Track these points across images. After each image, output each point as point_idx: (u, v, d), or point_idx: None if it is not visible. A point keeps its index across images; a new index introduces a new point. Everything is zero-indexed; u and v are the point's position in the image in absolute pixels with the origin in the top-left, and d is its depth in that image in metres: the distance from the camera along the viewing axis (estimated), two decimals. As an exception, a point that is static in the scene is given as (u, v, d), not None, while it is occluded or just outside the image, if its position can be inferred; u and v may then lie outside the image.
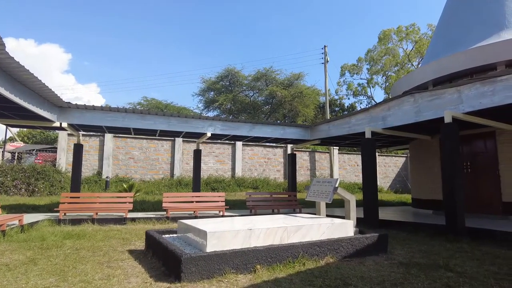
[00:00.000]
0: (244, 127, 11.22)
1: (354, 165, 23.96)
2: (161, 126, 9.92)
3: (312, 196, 6.72)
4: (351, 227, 5.85)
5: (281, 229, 4.98)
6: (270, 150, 21.27)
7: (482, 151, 9.61)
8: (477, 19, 10.80)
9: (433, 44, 12.82)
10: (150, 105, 30.07)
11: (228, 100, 29.40)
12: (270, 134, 11.53)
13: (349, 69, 41.26)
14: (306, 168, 22.22)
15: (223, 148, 19.93)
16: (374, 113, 9.60)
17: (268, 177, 20.59)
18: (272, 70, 30.76)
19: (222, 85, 31.46)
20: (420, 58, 37.51)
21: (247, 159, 20.62)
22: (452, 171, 7.12)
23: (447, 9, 12.67)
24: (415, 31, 36.34)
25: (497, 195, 9.13)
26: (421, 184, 11.87)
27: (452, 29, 11.65)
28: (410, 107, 8.57)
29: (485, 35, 10.18)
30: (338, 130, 10.83)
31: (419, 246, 6.28)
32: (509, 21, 10.00)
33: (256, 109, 31.90)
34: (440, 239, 6.88)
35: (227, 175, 19.78)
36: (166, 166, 18.55)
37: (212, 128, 10.69)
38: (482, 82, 6.97)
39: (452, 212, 7.01)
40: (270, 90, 29.43)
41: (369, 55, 39.64)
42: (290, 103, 29.96)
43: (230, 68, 30.48)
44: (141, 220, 9.28)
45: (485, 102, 6.91)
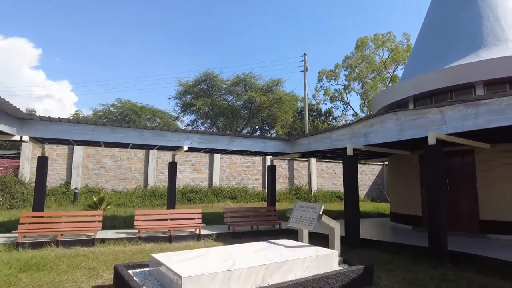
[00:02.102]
0: (223, 140, 10.77)
1: (331, 173, 24.01)
2: (134, 140, 9.30)
3: (294, 222, 6.38)
4: (335, 258, 5.56)
5: (264, 267, 4.59)
6: (249, 158, 20.89)
7: (460, 168, 9.66)
8: (456, 37, 10.92)
9: (413, 59, 12.91)
10: (124, 107, 28.91)
11: (206, 104, 28.76)
12: (250, 147, 11.15)
13: (327, 74, 41.65)
14: (284, 176, 22.01)
15: (200, 156, 19.35)
16: (356, 129, 9.43)
17: (246, 186, 20.19)
18: (251, 76, 30.46)
19: (200, 88, 30.77)
20: (395, 66, 38.38)
21: (225, 168, 20.14)
22: (436, 193, 7.02)
23: (426, 24, 12.79)
24: (391, 39, 37.15)
25: (475, 213, 9.18)
26: (400, 198, 11.86)
27: (431, 45, 11.74)
28: (393, 125, 8.44)
29: (464, 53, 10.28)
30: (319, 144, 10.61)
31: (404, 273, 6.09)
32: (486, 40, 10.15)
33: (234, 114, 31.43)
34: (423, 264, 6.74)
35: (204, 185, 19.20)
36: (140, 176, 17.75)
37: (189, 142, 10.17)
38: (465, 104, 6.91)
39: (435, 235, 6.90)
40: (249, 96, 29.08)
41: (347, 61, 40.18)
42: (269, 108, 29.72)
43: (209, 72, 29.89)
44: (111, 241, 8.62)
45: (468, 125, 6.85)
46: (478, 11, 10.81)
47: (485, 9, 10.73)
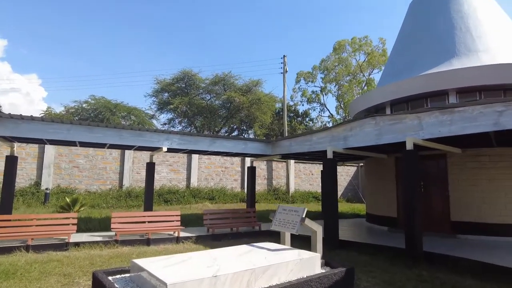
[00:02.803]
0: (204, 141, 10.66)
1: (309, 174, 24.36)
2: (112, 140, 9.02)
3: (277, 226, 6.41)
4: (318, 261, 5.64)
5: (249, 272, 4.58)
6: (228, 159, 20.80)
7: (434, 172, 10.07)
8: (431, 45, 11.37)
9: (390, 65, 13.32)
10: (98, 104, 27.94)
11: (183, 103, 28.35)
12: (231, 149, 11.10)
13: (305, 76, 42.25)
14: (263, 177, 22.09)
15: (178, 156, 19.04)
16: (336, 133, 9.61)
17: (225, 187, 20.09)
18: (230, 75, 30.32)
19: (177, 87, 30.29)
20: (371, 70, 39.49)
21: (203, 168, 19.94)
22: (412, 196, 7.27)
23: (403, 32, 13.24)
24: (367, 44, 38.16)
25: (447, 214, 9.61)
26: (376, 200, 12.20)
27: (408, 52, 12.17)
28: (371, 129, 8.67)
29: (438, 61, 10.73)
30: (300, 147, 10.73)
31: (382, 274, 6.27)
32: (458, 50, 10.64)
33: (212, 113, 31.20)
34: (399, 265, 6.97)
35: (181, 185, 18.92)
36: (115, 176, 17.24)
37: (169, 142, 9.98)
38: (441, 111, 7.20)
39: (411, 237, 7.15)
40: (228, 95, 28.95)
41: (323, 64, 40.92)
42: (248, 109, 29.73)
43: (187, 70, 29.49)
44: (86, 244, 8.31)
45: (444, 131, 7.14)
46: (451, 22, 11.32)
47: (457, 20, 11.26)
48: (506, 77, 9.31)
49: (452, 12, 11.46)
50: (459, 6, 11.52)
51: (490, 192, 9.01)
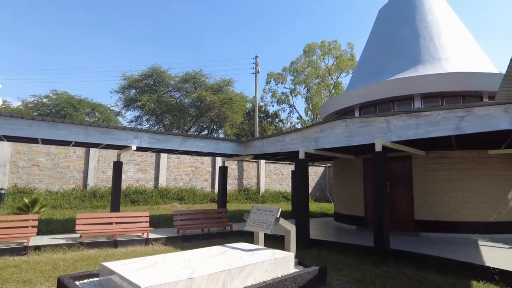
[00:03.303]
0: (175, 140, 10.43)
1: (279, 174, 24.61)
2: (77, 137, 8.57)
3: (251, 226, 6.40)
4: (292, 260, 5.71)
5: (224, 273, 4.54)
6: (198, 158, 20.51)
7: (399, 172, 10.53)
8: (398, 52, 11.90)
9: (359, 69, 13.77)
10: (60, 99, 26.44)
11: (151, 100, 27.57)
12: (203, 148, 10.94)
13: (275, 77, 42.69)
14: (234, 177, 22.02)
15: (145, 155, 18.49)
16: (307, 134, 9.78)
17: (195, 187, 19.78)
18: (201, 73, 29.92)
19: (145, 83, 29.42)
20: (339, 73, 40.62)
21: (172, 168, 19.51)
22: (381, 196, 7.55)
23: (372, 38, 13.75)
24: (336, 47, 39.20)
25: (411, 213, 10.09)
26: (344, 199, 12.55)
27: (376, 58, 12.64)
28: (342, 131, 8.91)
29: (405, 67, 11.25)
30: (272, 147, 10.80)
31: (352, 272, 6.45)
32: (423, 57, 11.22)
33: (182, 111, 30.63)
34: (368, 262, 7.20)
35: (149, 185, 18.39)
36: (79, 175, 16.41)
37: (138, 141, 9.67)
38: (408, 115, 7.55)
39: (380, 236, 7.41)
40: (198, 94, 28.54)
41: (293, 66, 41.56)
42: (218, 108, 29.49)
43: (156, 66, 28.72)
44: (48, 248, 7.84)
45: (410, 134, 7.49)
46: (416, 31, 11.91)
47: (422, 29, 11.87)
48: (464, 84, 9.94)
49: (418, 21, 12.08)
50: (423, 16, 12.16)
51: (450, 192, 9.58)
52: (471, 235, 9.19)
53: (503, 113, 6.14)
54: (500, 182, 9.61)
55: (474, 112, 6.49)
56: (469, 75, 9.91)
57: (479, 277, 5.96)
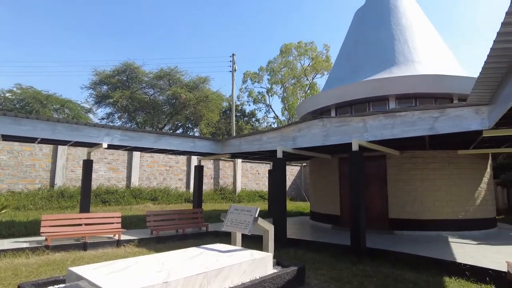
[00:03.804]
0: (148, 138, 10.07)
1: (255, 173, 24.54)
2: (44, 134, 8.06)
3: (229, 226, 6.24)
4: (270, 260, 5.61)
5: (201, 276, 4.36)
6: (173, 157, 20.02)
7: (374, 172, 10.70)
8: (374, 53, 12.12)
9: (335, 70, 13.92)
10: (25, 94, 24.97)
11: (124, 97, 26.65)
12: (178, 146, 10.64)
13: (251, 76, 42.65)
14: (209, 176, 21.70)
15: (117, 154, 17.82)
16: (285, 133, 9.74)
17: (169, 187, 19.30)
18: (176, 70, 29.27)
19: (118, 79, 28.40)
20: (314, 74, 41.15)
21: (145, 167, 18.93)
22: (358, 196, 7.61)
23: (348, 39, 13.93)
24: (313, 49, 39.66)
25: (385, 212, 10.29)
26: (320, 198, 12.64)
27: (352, 59, 12.82)
28: (319, 130, 8.93)
29: (380, 68, 11.46)
30: (250, 146, 10.68)
31: (330, 271, 6.44)
32: (398, 59, 11.48)
33: (156, 109, 29.85)
34: (345, 261, 7.24)
35: (121, 185, 17.73)
36: (45, 174, 15.54)
37: (109, 138, 9.24)
38: (385, 115, 7.65)
39: (356, 235, 7.47)
40: (173, 91, 27.91)
41: (270, 65, 41.69)
42: (194, 106, 28.99)
43: (129, 62, 27.80)
44: (8, 252, 7.31)
45: (386, 134, 7.60)
46: (391, 33, 12.19)
47: (397, 32, 12.16)
48: (437, 86, 10.26)
49: (393, 24, 12.36)
50: (398, 19, 12.47)
51: (422, 191, 9.85)
52: (441, 232, 9.49)
53: (474, 114, 6.34)
54: (468, 181, 9.99)
55: (447, 113, 6.66)
56: (441, 78, 10.24)
57: (451, 273, 6.13)
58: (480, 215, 9.95)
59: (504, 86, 4.78)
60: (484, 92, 5.52)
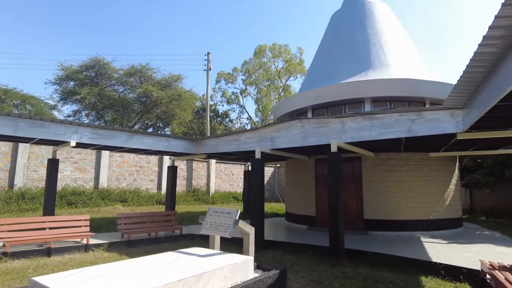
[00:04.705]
0: (120, 136, 9.58)
1: (229, 175, 24.26)
2: (4, 130, 7.40)
3: (208, 229, 6.00)
4: (251, 264, 5.43)
5: (181, 282, 4.10)
6: (143, 157, 19.32)
7: (349, 173, 10.84)
8: (350, 56, 12.30)
9: (312, 72, 14.00)
10: (-20, 89, 23.26)
11: (92, 94, 25.43)
12: (151, 146, 10.21)
13: (225, 77, 42.34)
14: (182, 177, 21.16)
15: (85, 153, 16.92)
16: (263, 133, 9.62)
17: (139, 188, 18.58)
18: (148, 67, 28.36)
19: (86, 75, 27.08)
20: (288, 77, 41.50)
21: (115, 167, 18.12)
22: (336, 197, 7.62)
23: (325, 41, 14.07)
24: (287, 51, 39.98)
25: (360, 213, 10.43)
26: (295, 199, 12.63)
27: (329, 61, 12.95)
28: (298, 131, 8.88)
29: (356, 71, 11.65)
30: (227, 146, 10.46)
31: (310, 274, 6.38)
32: (373, 63, 11.72)
33: (126, 107, 28.78)
34: (323, 263, 7.22)
35: (88, 186, 16.83)
36: (3, 174, 14.42)
37: (78, 136, 8.68)
38: (363, 117, 7.72)
39: (335, 236, 7.47)
40: (145, 89, 27.01)
41: (245, 66, 41.59)
42: (166, 105, 28.22)
43: (98, 58, 26.59)
44: (-41, 260, 6.62)
45: (364, 135, 7.67)
46: (367, 37, 12.44)
47: (372, 36, 12.43)
48: (410, 90, 10.56)
49: (368, 28, 12.62)
50: (374, 24, 12.75)
51: (396, 192, 10.08)
52: (414, 232, 9.75)
53: (450, 117, 6.53)
54: (439, 183, 10.36)
55: (424, 115, 6.82)
56: (415, 82, 10.56)
57: (427, 273, 6.26)
58: (449, 215, 10.34)
59: (481, 91, 4.92)
60: (460, 96, 5.67)
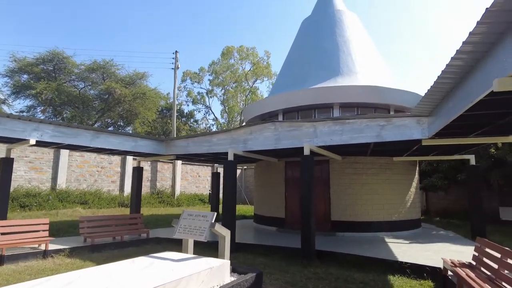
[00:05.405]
0: (85, 135, 9.07)
1: (195, 176, 23.86)
2: (-49, 126, 6.72)
3: (182, 233, 5.84)
4: (228, 268, 5.38)
5: (159, 289, 3.95)
6: (106, 157, 18.44)
7: (318, 175, 11.08)
8: (319, 62, 12.63)
9: (282, 76, 14.19)
10: None
11: (49, 89, 23.84)
12: (118, 146, 9.76)
13: (191, 76, 41.70)
14: (146, 179, 20.46)
15: (41, 151, 15.81)
16: (236, 135, 9.59)
17: (100, 189, 17.69)
18: (112, 64, 27.16)
19: (42, 69, 25.33)
20: (255, 80, 41.72)
21: (74, 167, 17.11)
22: (308, 199, 7.76)
23: (296, 46, 14.33)
24: (254, 54, 40.19)
25: (328, 214, 10.71)
26: (265, 201, 12.70)
27: (299, 66, 13.20)
28: (271, 134, 8.95)
29: (326, 77, 11.98)
30: (198, 147, 10.28)
31: (283, 276, 6.44)
32: (342, 69, 12.12)
33: (86, 104, 27.31)
34: (295, 264, 7.32)
35: (45, 187, 15.73)
36: None
37: (39, 134, 8.09)
38: (334, 122, 7.95)
39: (307, 238, 7.60)
40: (107, 86, 25.82)
41: (212, 67, 41.23)
42: (129, 103, 27.17)
43: (57, 51, 25.00)
44: None
45: (335, 139, 7.90)
46: (336, 44, 12.84)
47: (341, 43, 12.86)
48: (376, 97, 11.05)
49: (338, 36, 13.04)
50: (343, 32, 13.20)
51: (362, 194, 10.48)
52: (378, 233, 10.20)
53: (416, 124, 6.91)
54: (401, 186, 10.93)
55: (393, 122, 7.16)
56: (380, 89, 11.06)
57: (394, 272, 6.56)
58: (410, 217, 10.94)
59: (448, 101, 5.26)
60: (427, 104, 6.03)
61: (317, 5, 15.01)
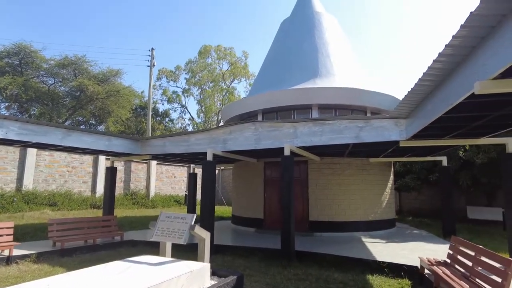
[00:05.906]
0: (55, 133, 8.59)
1: (171, 177, 23.36)
2: None
3: (160, 235, 5.64)
4: (208, 271, 5.24)
5: (138, 295, 3.76)
6: (77, 157, 17.66)
7: (296, 176, 11.09)
8: (299, 64, 12.69)
9: (261, 77, 14.15)
10: None
11: (15, 84, 22.53)
12: (91, 145, 9.33)
13: (167, 74, 40.91)
14: (119, 180, 19.76)
15: (5, 150, 14.89)
16: (215, 135, 9.43)
17: (71, 191, 16.90)
18: (84, 60, 26.07)
19: (7, 63, 23.92)
20: (232, 79, 41.52)
21: (42, 167, 16.25)
22: (288, 200, 7.73)
23: (275, 47, 14.34)
24: (232, 54, 39.97)
25: (306, 214, 10.75)
26: (243, 202, 12.59)
27: (278, 68, 13.21)
28: (251, 134, 8.86)
29: (305, 78, 12.05)
30: (175, 147, 10.02)
31: (264, 277, 6.36)
32: (321, 71, 12.24)
33: (55, 101, 26.05)
34: (275, 265, 7.26)
35: (9, 188, 14.82)
36: None
37: (4, 131, 7.56)
38: (314, 123, 7.98)
39: (287, 239, 7.56)
40: (79, 82, 24.76)
41: (189, 66, 40.62)
42: (102, 101, 26.19)
43: (25, 44, 23.67)
44: None
45: (315, 140, 7.93)
46: (315, 46, 12.96)
47: (320, 45, 12.98)
48: (353, 99, 11.24)
49: (317, 38, 13.16)
50: (322, 34, 13.34)
51: (339, 194, 10.61)
52: (355, 233, 10.35)
53: (394, 126, 7.05)
54: (377, 186, 11.16)
55: (371, 123, 7.27)
56: (358, 91, 11.25)
57: (373, 271, 6.65)
58: (385, 216, 11.19)
59: (426, 103, 5.38)
60: (406, 106, 6.16)
61: (297, 6, 15.10)
